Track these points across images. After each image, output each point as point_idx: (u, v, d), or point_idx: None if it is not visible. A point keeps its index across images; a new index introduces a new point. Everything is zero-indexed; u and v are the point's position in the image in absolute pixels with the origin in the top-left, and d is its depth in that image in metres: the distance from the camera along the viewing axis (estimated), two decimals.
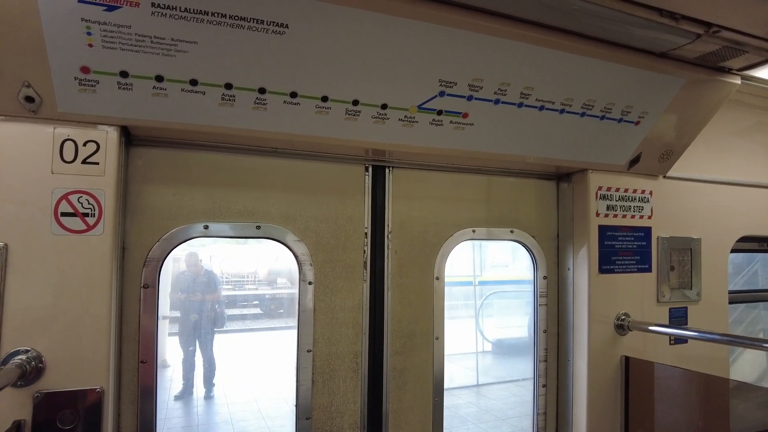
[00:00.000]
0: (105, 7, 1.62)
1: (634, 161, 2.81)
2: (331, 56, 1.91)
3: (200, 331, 5.60)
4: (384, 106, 2.12)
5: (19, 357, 1.76)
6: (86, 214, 1.86)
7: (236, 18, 1.73)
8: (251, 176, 2.32)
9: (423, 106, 2.18)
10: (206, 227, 2.23)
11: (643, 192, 2.94)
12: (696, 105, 2.61)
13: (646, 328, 2.77)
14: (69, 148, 1.85)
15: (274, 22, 1.77)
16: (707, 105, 2.64)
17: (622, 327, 2.82)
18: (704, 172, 3.20)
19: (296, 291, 2.41)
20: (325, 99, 2.03)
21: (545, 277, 2.94)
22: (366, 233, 2.53)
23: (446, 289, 2.71)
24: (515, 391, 6.79)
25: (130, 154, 2.13)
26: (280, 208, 2.36)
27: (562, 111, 2.39)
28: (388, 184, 2.59)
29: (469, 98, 2.21)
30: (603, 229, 2.81)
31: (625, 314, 2.84)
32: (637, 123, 2.59)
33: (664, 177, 3.02)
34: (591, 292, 2.76)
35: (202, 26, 1.72)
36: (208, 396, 5.69)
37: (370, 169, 2.55)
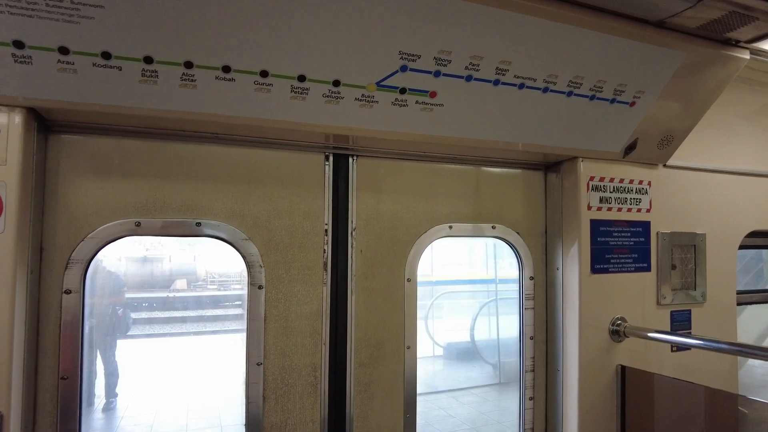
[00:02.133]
0: None
1: (630, 148, 2.51)
2: (267, 22, 1.64)
3: (101, 337, 5.17)
4: (336, 83, 1.85)
5: None
6: None
7: None
8: (190, 166, 2.05)
9: (383, 83, 1.90)
10: (138, 224, 1.97)
11: (640, 182, 2.64)
12: (699, 83, 2.31)
13: (644, 335, 2.48)
14: None
15: None
16: (712, 83, 2.33)
17: (617, 333, 2.53)
18: (709, 160, 2.89)
19: (245, 296, 2.14)
20: (264, 74, 1.75)
21: (532, 278, 2.65)
22: (326, 230, 2.25)
23: None
24: (471, 399, 6.46)
25: (48, 142, 1.86)
26: (225, 203, 2.09)
27: (545, 90, 2.10)
28: (352, 174, 2.31)
29: (437, 74, 1.93)
30: (595, 224, 2.51)
31: (621, 319, 2.54)
32: (632, 104, 2.30)
33: (664, 166, 2.72)
34: (582, 294, 2.47)
35: None
36: (108, 408, 5.14)
37: (331, 157, 2.27)
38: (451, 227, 2.49)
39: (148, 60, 1.62)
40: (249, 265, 2.12)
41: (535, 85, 2.08)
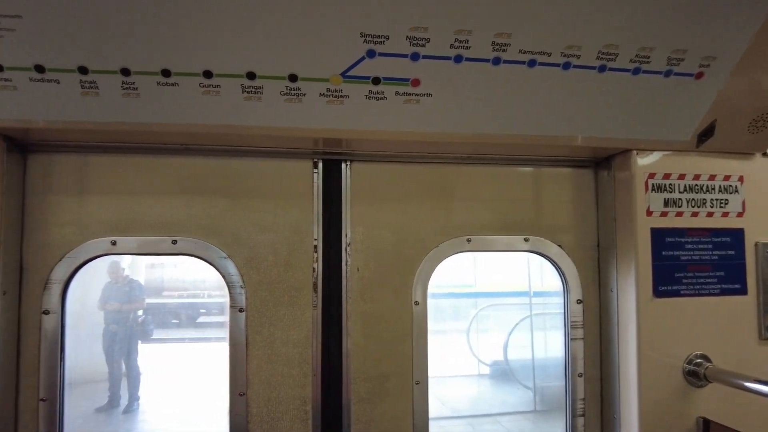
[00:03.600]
0: None
1: (706, 134, 1.92)
2: (194, 15, 1.45)
3: (122, 342, 5.31)
4: (293, 78, 1.60)
5: None
6: None
7: None
8: (163, 181, 1.94)
9: (348, 73, 1.61)
10: (114, 243, 1.89)
11: (726, 178, 2.01)
12: None
13: (736, 382, 1.84)
14: None
15: None
16: None
17: (696, 375, 1.93)
18: None
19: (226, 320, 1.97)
20: (208, 75, 1.57)
21: (579, 302, 2.15)
22: (315, 246, 2.00)
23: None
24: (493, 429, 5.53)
25: (27, 162, 1.87)
26: (200, 219, 1.94)
27: (566, 66, 1.65)
28: (345, 181, 2.04)
29: (414, 57, 1.59)
30: (659, 234, 1.95)
31: (702, 357, 1.94)
32: (699, 76, 1.73)
33: (764, 155, 2.05)
34: (641, 322, 1.93)
35: None
36: (129, 410, 5.23)
37: (320, 164, 2.02)
38: (469, 240, 2.10)
39: (82, 70, 1.52)
40: (229, 286, 1.95)
41: (551, 61, 1.64)
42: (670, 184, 1.97)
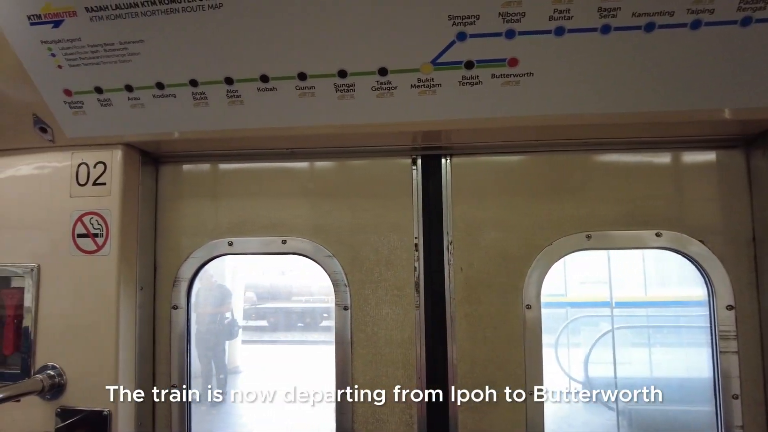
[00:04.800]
0: (52, 24, 1.57)
1: None
2: (285, 19, 1.49)
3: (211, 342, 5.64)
4: (383, 72, 1.57)
5: (46, 372, 1.84)
6: (96, 235, 1.86)
7: (167, 1, 1.48)
8: (273, 184, 2.04)
9: (439, 60, 1.54)
10: (230, 244, 2.04)
11: None
12: None
13: None
14: (83, 171, 1.89)
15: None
16: None
17: None
18: None
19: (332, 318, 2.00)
20: (302, 77, 1.60)
21: (731, 308, 1.79)
22: (416, 244, 1.94)
23: None
24: None
25: (159, 172, 2.10)
26: (308, 219, 2.00)
27: (695, 25, 1.40)
28: (445, 177, 1.96)
29: (509, 34, 1.46)
30: None
31: None
32: None
33: None
34: None
35: (139, 20, 1.53)
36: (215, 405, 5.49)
37: (419, 160, 1.97)
38: (589, 237, 1.88)
39: (193, 83, 1.65)
40: (334, 284, 1.97)
41: (674, 21, 1.40)
42: None
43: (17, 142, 1.91)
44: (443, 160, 1.96)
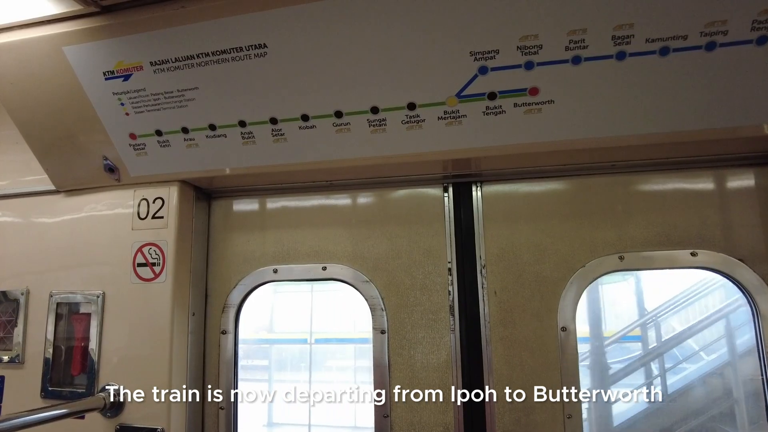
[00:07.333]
0: (122, 78, 1.81)
1: None
2: (323, 62, 1.65)
3: None
4: (411, 106, 1.70)
5: (108, 390, 1.99)
6: (154, 264, 2.04)
7: (218, 53, 1.68)
8: (314, 215, 2.17)
9: (463, 93, 1.65)
10: (275, 271, 2.17)
11: None
12: None
13: None
14: (144, 206, 2.09)
15: (252, 45, 1.65)
16: None
17: None
18: None
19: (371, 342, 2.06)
20: (339, 114, 1.75)
21: None
22: (450, 269, 2.01)
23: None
24: None
25: (212, 207, 2.28)
26: (346, 246, 2.11)
27: (709, 47, 1.45)
28: (477, 204, 2.03)
29: (528, 66, 1.56)
30: None
31: None
32: None
33: None
34: None
35: (195, 70, 1.73)
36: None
37: (450, 188, 2.05)
38: (622, 258, 1.89)
39: (242, 124, 1.83)
40: (372, 308, 2.05)
41: (689, 44, 1.45)
42: None
43: (89, 182, 2.14)
44: (474, 187, 2.04)
